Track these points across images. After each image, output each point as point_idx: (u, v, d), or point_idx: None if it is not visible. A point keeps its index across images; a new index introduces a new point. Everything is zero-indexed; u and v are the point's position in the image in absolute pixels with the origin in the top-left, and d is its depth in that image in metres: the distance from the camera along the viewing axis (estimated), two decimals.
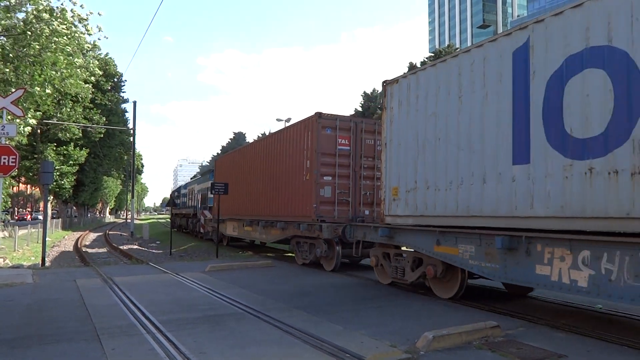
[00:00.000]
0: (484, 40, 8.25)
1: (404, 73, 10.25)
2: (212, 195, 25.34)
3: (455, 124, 8.52)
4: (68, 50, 18.27)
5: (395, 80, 10.33)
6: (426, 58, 49.90)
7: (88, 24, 19.12)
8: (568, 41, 6.64)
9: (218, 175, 24.25)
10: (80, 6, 18.72)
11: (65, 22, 17.96)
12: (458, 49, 55.20)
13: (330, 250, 13.49)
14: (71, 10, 18.45)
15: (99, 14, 19.72)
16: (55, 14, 17.62)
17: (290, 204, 15.19)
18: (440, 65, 9.04)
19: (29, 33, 17.09)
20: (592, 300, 8.18)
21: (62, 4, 18.43)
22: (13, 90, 16.60)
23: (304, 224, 14.08)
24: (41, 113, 23.56)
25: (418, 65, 45.98)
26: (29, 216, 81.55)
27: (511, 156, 7.36)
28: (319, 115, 13.83)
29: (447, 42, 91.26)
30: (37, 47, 17.21)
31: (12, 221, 47.46)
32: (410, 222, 9.63)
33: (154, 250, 26.84)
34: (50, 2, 18.06)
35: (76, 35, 18.75)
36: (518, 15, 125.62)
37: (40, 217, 70.48)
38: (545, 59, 6.95)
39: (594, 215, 6.12)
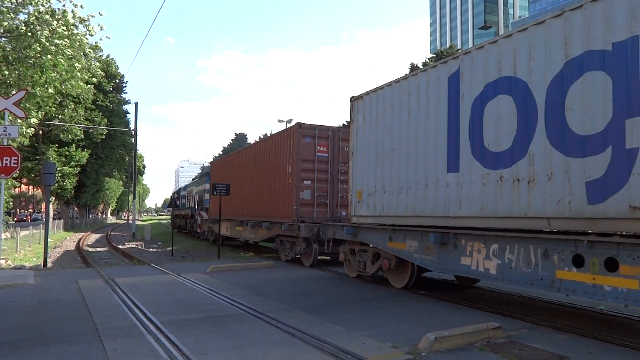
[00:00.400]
0: (428, 66, 9.53)
1: (368, 90, 11.32)
2: (207, 197, 26.91)
3: (405, 136, 9.85)
4: (68, 53, 18.26)
5: (360, 97, 11.62)
6: (427, 59, 49.89)
7: (89, 24, 19.11)
8: (487, 71, 7.99)
9: (214, 178, 25.25)
10: (80, 6, 18.71)
11: (66, 24, 17.96)
12: (460, 50, 55.22)
13: (308, 247, 14.73)
14: (72, 12, 18.44)
15: (100, 14, 19.67)
16: (56, 16, 17.64)
17: (275, 205, 16.54)
18: (395, 85, 10.31)
19: (30, 34, 17.10)
20: (504, 285, 9.58)
21: (63, 5, 18.44)
22: (14, 92, 16.65)
23: (286, 224, 15.39)
24: (43, 114, 23.56)
25: (420, 66, 46.00)
26: (29, 218, 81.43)
27: (446, 165, 8.70)
28: (299, 125, 15.27)
29: (448, 43, 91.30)
30: (38, 48, 17.22)
31: (11, 222, 47.47)
32: (370, 221, 10.93)
33: (155, 251, 26.86)
34: (51, 3, 18.05)
35: (77, 37, 18.74)
36: (519, 17, 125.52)
37: (40, 218, 70.60)
38: (471, 84, 8.29)
39: (503, 215, 7.47)
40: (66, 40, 18.04)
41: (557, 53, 6.83)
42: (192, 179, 45.17)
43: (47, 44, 17.18)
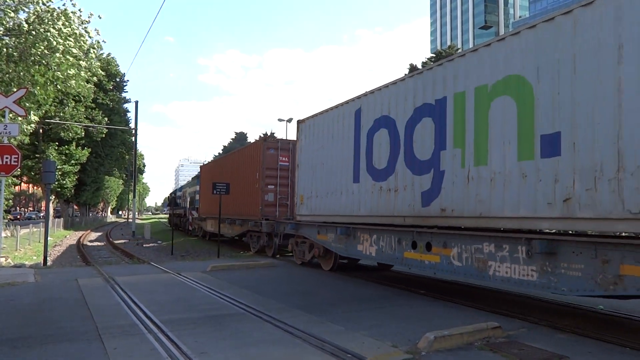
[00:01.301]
0: (342, 102, 12.43)
1: (309, 116, 14.20)
2: (198, 198, 30.30)
3: (329, 154, 12.80)
4: (74, 52, 18.31)
5: (303, 121, 14.53)
6: (427, 59, 49.87)
7: (87, 26, 19.19)
8: (375, 110, 10.98)
9: (202, 180, 28.71)
10: (79, 9, 18.83)
11: (69, 24, 18.01)
12: (460, 50, 55.24)
13: (270, 241, 17.60)
14: (72, 12, 18.49)
15: (99, 17, 19.70)
16: (55, 15, 17.65)
17: (246, 206, 19.75)
18: (325, 114, 13.31)
19: (34, 32, 17.10)
20: (400, 268, 12.90)
21: (63, 5, 18.48)
22: (14, 89, 16.64)
23: (252, 222, 18.60)
24: (42, 113, 23.61)
25: (419, 66, 46.08)
26: (21, 217, 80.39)
27: (352, 178, 11.65)
28: (264, 139, 18.93)
29: (448, 43, 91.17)
30: (43, 47, 17.22)
31: (5, 220, 47.34)
32: (308, 219, 13.91)
33: (155, 250, 26.85)
34: (53, 1, 18.09)
35: (82, 38, 18.82)
36: (520, 16, 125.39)
37: (33, 216, 70.32)
38: (367, 119, 11.28)
39: (382, 214, 10.45)
40: (70, 39, 18.09)
41: (410, 102, 9.85)
42: (192, 178, 46.44)
43: (55, 43, 17.19)
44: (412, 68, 46.60)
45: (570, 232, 7.10)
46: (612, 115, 6.10)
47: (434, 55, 51.49)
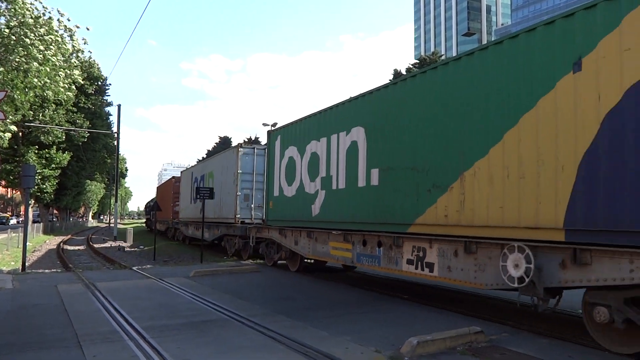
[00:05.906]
0: (190, 167, 32.53)
1: (184, 170, 33.12)
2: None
3: (186, 190, 30.22)
4: (54, 60, 18.18)
5: (182, 173, 32.65)
6: (411, 65, 50.33)
7: (74, 34, 19.08)
8: (194, 174, 28.84)
9: (157, 195, 45.15)
10: (67, 19, 18.73)
11: (52, 32, 17.88)
12: (443, 56, 55.85)
13: (175, 232, 34.20)
14: (57, 20, 18.37)
15: (87, 29, 19.80)
16: (40, 21, 17.51)
17: (169, 214, 35.11)
18: (187, 171, 31.76)
19: (14, 38, 16.90)
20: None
21: (49, 13, 18.34)
22: None
23: (169, 222, 35.77)
24: (21, 116, 23.35)
25: (403, 72, 46.54)
26: None
27: (189, 201, 28.88)
28: (174, 177, 35.89)
29: (432, 49, 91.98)
30: (22, 52, 17.02)
31: None
32: (181, 220, 31.03)
33: (137, 255, 26.53)
34: (37, 8, 17.93)
35: (64, 47, 18.72)
36: (502, 24, 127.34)
37: None
38: (194, 177, 28.54)
39: (192, 217, 27.68)
40: (52, 46, 17.94)
41: (199, 173, 27.36)
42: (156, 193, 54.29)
43: (35, 50, 17.03)
44: (397, 74, 46.97)
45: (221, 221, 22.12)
46: (220, 191, 21.89)
47: (417, 61, 51.95)
